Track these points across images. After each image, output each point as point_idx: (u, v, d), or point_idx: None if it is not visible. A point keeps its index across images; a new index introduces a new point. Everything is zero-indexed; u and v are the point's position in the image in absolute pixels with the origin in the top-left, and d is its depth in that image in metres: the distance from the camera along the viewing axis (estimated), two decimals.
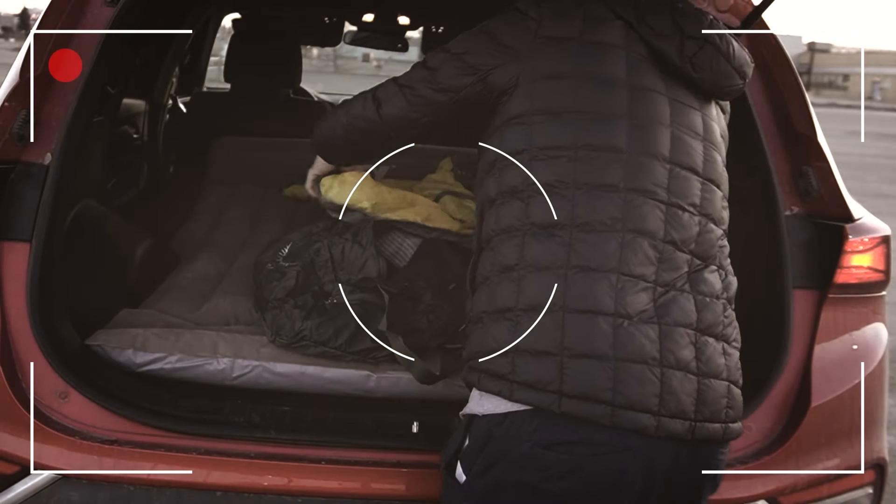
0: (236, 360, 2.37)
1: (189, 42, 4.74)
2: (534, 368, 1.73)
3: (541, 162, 1.84)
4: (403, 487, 2.12)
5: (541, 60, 1.90)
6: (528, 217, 1.82)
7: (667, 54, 1.91)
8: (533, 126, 1.87)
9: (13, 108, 2.17)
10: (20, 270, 2.15)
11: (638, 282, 1.77)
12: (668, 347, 1.75)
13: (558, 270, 1.77)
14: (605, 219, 1.79)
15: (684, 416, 1.75)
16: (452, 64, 1.98)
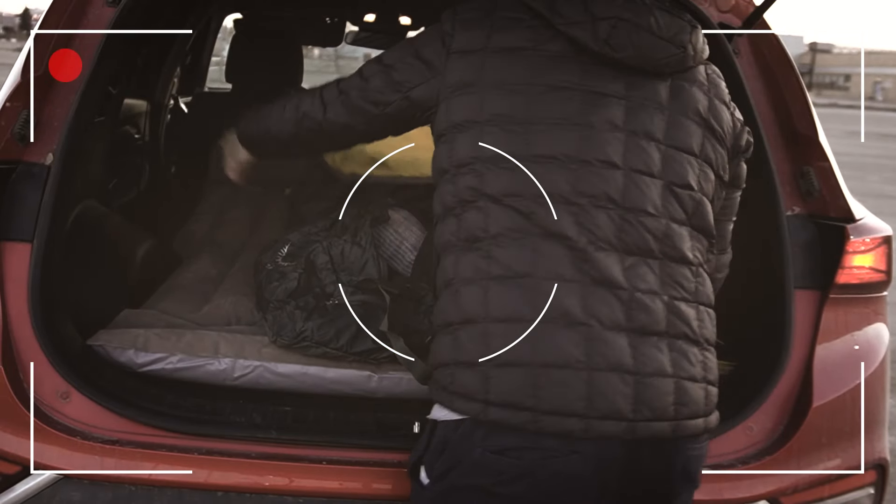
0: (238, 361, 2.37)
1: (190, 42, 4.74)
2: (465, 379, 1.76)
3: (462, 177, 1.86)
4: (404, 487, 2.12)
5: (452, 75, 1.91)
6: (459, 232, 1.85)
7: (581, 41, 1.87)
8: (453, 142, 1.89)
9: (15, 109, 2.17)
10: (21, 271, 2.15)
11: (557, 283, 1.76)
12: (596, 349, 1.73)
13: (481, 282, 1.79)
14: (513, 227, 1.80)
15: (619, 416, 1.73)
16: (381, 77, 2.03)
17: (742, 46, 2.47)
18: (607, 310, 1.76)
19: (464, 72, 1.90)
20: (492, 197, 1.83)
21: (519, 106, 1.86)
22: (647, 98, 1.89)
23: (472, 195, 1.84)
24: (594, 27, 1.86)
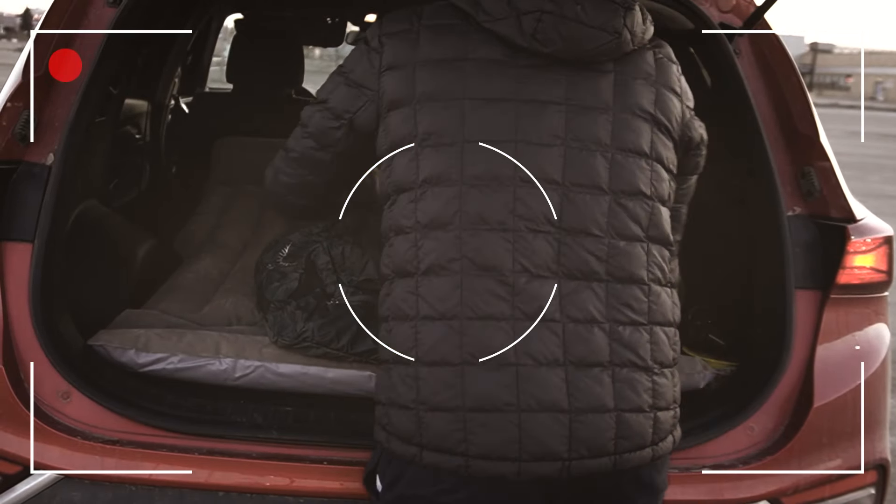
0: (238, 361, 2.37)
1: (191, 42, 4.74)
2: (400, 421, 1.75)
3: (398, 203, 1.81)
4: None
5: (385, 93, 1.85)
6: (391, 264, 1.81)
7: (509, 38, 1.79)
8: (390, 165, 1.84)
9: (16, 109, 2.18)
10: (22, 271, 2.15)
11: (487, 321, 1.70)
12: (528, 390, 1.68)
13: (411, 321, 1.74)
14: (444, 261, 1.73)
15: (553, 457, 1.68)
16: (319, 116, 1.98)
17: (743, 46, 2.47)
18: (541, 345, 1.69)
19: (396, 88, 1.83)
20: (423, 225, 1.75)
21: (453, 122, 1.77)
22: (589, 100, 1.80)
23: (405, 223, 1.78)
24: (519, 22, 1.78)
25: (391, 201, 1.83)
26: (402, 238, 1.78)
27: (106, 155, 3.20)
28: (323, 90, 1.98)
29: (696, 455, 2.19)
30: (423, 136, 1.79)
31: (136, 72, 3.68)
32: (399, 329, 1.76)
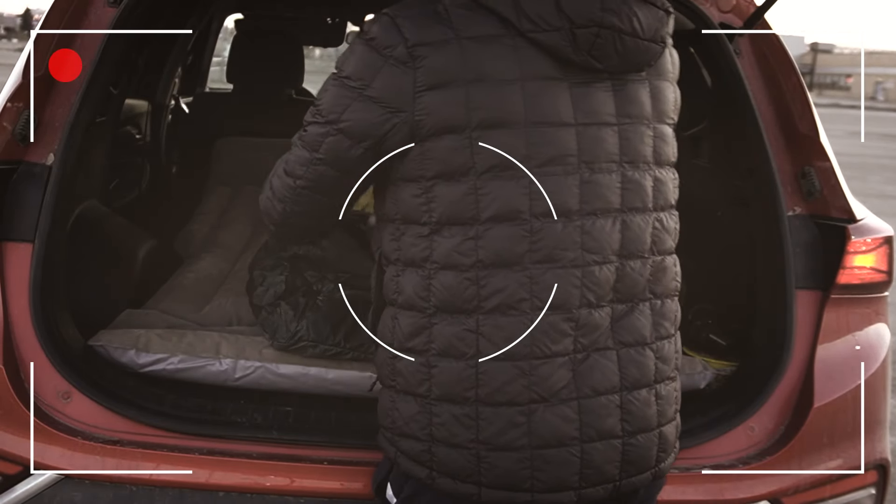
0: (239, 361, 2.38)
1: (191, 42, 4.74)
2: (452, 459, 1.68)
3: (449, 241, 1.67)
4: None
5: (430, 117, 1.64)
6: (438, 298, 1.68)
7: (560, 53, 1.64)
8: (436, 195, 1.68)
9: (16, 109, 2.18)
10: (23, 271, 2.15)
11: (554, 359, 1.66)
12: (588, 422, 1.67)
13: (468, 361, 1.65)
14: (513, 301, 1.64)
15: (607, 481, 1.70)
16: (333, 140, 1.73)
17: (743, 47, 2.47)
18: (600, 375, 1.68)
19: (446, 113, 1.63)
20: (487, 263, 1.65)
21: (518, 152, 1.63)
22: (635, 112, 1.72)
23: (463, 260, 1.65)
24: (573, 36, 1.63)
25: (433, 230, 1.67)
26: (455, 274, 1.65)
27: (106, 155, 3.20)
28: (327, 106, 1.71)
29: (696, 455, 2.19)
30: (484, 167, 1.63)
31: (136, 72, 3.68)
32: (450, 367, 1.66)
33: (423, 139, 1.65)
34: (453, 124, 1.63)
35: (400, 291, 1.72)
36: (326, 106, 1.72)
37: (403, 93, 1.63)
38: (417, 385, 1.70)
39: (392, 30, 1.64)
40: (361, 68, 1.67)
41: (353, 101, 1.67)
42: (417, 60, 1.62)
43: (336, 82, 1.71)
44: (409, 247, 1.70)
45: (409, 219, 1.69)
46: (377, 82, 1.65)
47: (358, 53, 1.68)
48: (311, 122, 1.75)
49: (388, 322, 1.76)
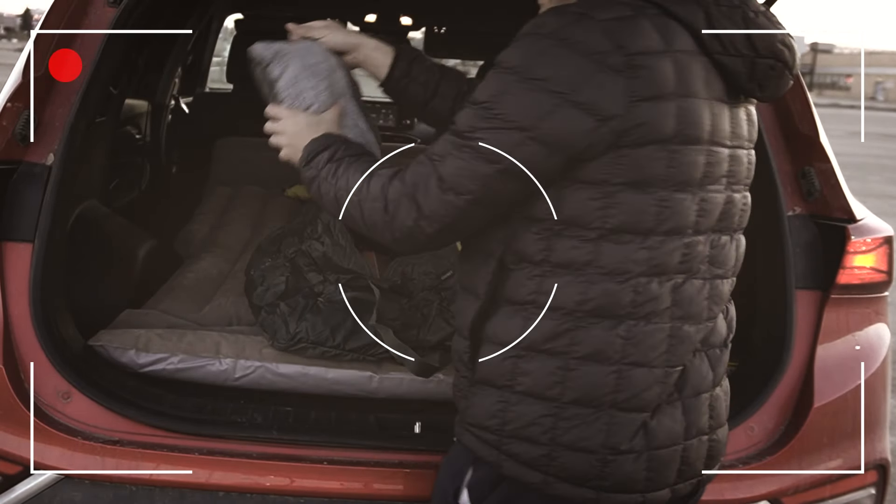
0: (238, 361, 2.38)
1: (191, 42, 4.74)
2: (574, 463, 1.65)
3: (623, 248, 1.63)
4: (405, 488, 2.12)
5: (643, 127, 1.59)
6: (594, 303, 1.63)
7: (736, 78, 1.66)
8: (619, 202, 1.62)
9: (16, 109, 2.18)
10: (23, 271, 2.15)
11: (681, 366, 1.69)
12: (692, 421, 1.72)
13: (613, 366, 1.63)
14: (660, 308, 1.64)
15: (695, 476, 1.75)
16: (526, 148, 1.58)
17: None
18: (700, 377, 1.72)
19: (660, 124, 1.57)
20: (651, 273, 1.63)
21: (698, 169, 1.63)
22: (744, 137, 1.75)
23: (633, 268, 1.62)
24: (753, 65, 1.65)
25: (601, 235, 1.60)
26: (620, 281, 1.61)
27: (106, 155, 3.20)
28: (516, 110, 1.56)
29: None
30: (675, 181, 1.60)
31: (136, 72, 3.69)
32: (591, 371, 1.63)
33: (622, 146, 1.57)
34: (660, 136, 1.57)
35: (541, 292, 1.64)
36: (514, 111, 1.56)
37: (617, 102, 1.54)
38: (548, 387, 1.64)
39: (597, 33, 1.54)
40: (566, 72, 1.54)
41: (556, 108, 1.54)
42: (635, 70, 1.54)
43: (526, 84, 1.56)
44: (567, 249, 1.61)
45: (576, 221, 1.60)
46: (588, 89, 1.53)
47: (554, 55, 1.55)
48: (488, 129, 1.58)
49: (517, 321, 1.66)
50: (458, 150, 1.60)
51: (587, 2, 1.60)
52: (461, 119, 1.62)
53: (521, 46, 1.59)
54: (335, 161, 1.79)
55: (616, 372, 1.63)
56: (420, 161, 1.66)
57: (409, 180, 1.65)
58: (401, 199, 1.65)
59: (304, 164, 1.82)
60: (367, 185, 1.71)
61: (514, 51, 1.59)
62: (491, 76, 1.62)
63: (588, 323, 1.62)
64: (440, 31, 5.46)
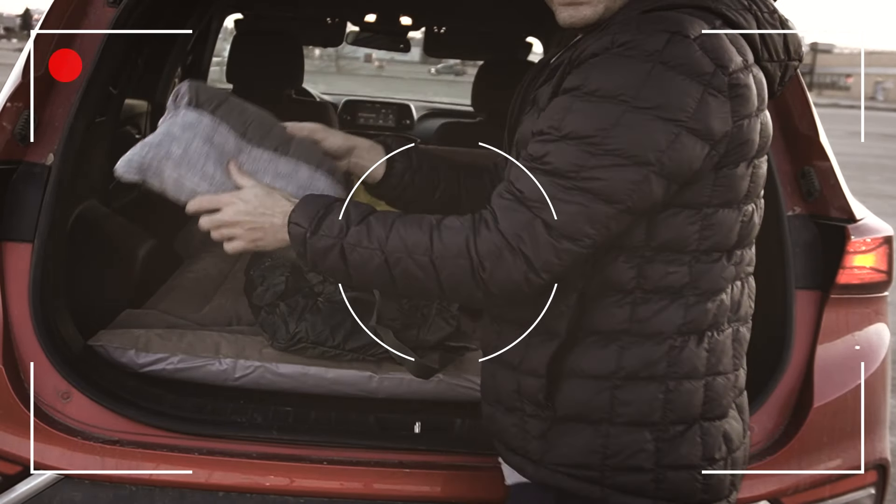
0: (238, 361, 2.38)
1: (191, 42, 4.74)
2: (679, 482, 1.62)
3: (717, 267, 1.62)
4: (405, 488, 2.12)
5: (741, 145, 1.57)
6: (689, 322, 1.60)
7: (773, 81, 1.65)
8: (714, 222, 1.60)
9: (16, 109, 2.18)
10: (22, 271, 2.15)
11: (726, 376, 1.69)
12: (745, 419, 1.74)
13: (700, 381, 1.62)
14: (728, 315, 1.65)
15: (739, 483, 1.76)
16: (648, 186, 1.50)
17: None
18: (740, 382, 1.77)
19: (751, 140, 1.56)
20: (729, 285, 1.64)
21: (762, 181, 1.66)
22: None
23: (723, 284, 1.62)
24: (785, 69, 1.66)
25: (695, 257, 1.57)
26: (713, 297, 1.60)
27: (106, 155, 3.20)
28: (632, 143, 1.45)
29: None
30: (753, 193, 1.61)
31: (136, 72, 3.68)
32: (688, 388, 1.60)
33: (722, 167, 1.53)
34: (749, 153, 1.56)
35: (636, 319, 1.57)
36: (632, 144, 1.45)
37: (725, 124, 1.49)
38: (651, 413, 1.59)
39: (698, 53, 1.47)
40: (678, 97, 1.45)
41: (677, 137, 1.45)
42: (734, 89, 1.49)
43: (640, 114, 1.45)
44: (662, 275, 1.56)
45: (670, 246, 1.55)
46: (700, 113, 1.46)
47: (662, 79, 1.45)
48: (603, 167, 1.45)
49: (611, 352, 1.59)
50: (567, 194, 1.46)
51: (656, 15, 1.52)
52: (555, 157, 1.47)
53: (616, 70, 1.47)
54: (360, 223, 1.57)
55: (705, 385, 1.62)
56: (509, 205, 1.50)
57: (506, 229, 1.48)
58: (501, 254, 1.48)
59: (312, 233, 1.58)
60: (436, 241, 1.52)
61: (608, 75, 1.47)
62: (584, 105, 1.48)
63: (683, 343, 1.59)
64: (440, 31, 5.46)
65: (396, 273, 1.54)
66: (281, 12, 5.11)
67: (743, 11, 1.58)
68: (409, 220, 1.55)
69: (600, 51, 1.49)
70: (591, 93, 1.47)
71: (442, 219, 1.54)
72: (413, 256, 1.52)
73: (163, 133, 1.68)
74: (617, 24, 1.55)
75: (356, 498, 2.10)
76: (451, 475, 2.12)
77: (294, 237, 1.60)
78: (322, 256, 1.58)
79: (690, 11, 1.53)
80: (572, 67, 1.54)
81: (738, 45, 1.53)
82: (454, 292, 1.55)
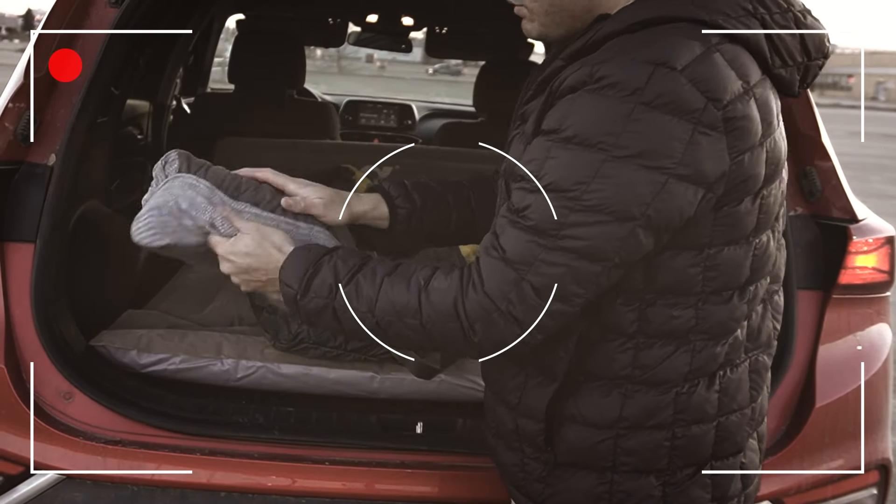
0: (240, 362, 2.38)
1: (193, 43, 4.74)
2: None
3: (727, 306, 1.52)
4: (407, 488, 2.12)
5: (742, 184, 1.45)
6: (693, 364, 1.52)
7: (791, 86, 1.51)
8: (718, 262, 1.50)
9: (17, 109, 2.18)
10: (24, 271, 2.15)
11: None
12: (762, 447, 1.71)
13: (711, 423, 1.55)
14: (737, 355, 1.55)
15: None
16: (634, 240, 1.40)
17: None
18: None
19: (754, 176, 1.45)
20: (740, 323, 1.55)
21: (778, 204, 1.55)
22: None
23: (734, 325, 1.53)
24: (805, 71, 1.52)
25: (701, 299, 1.47)
26: (722, 341, 1.51)
27: (108, 155, 3.20)
28: (614, 196, 1.34)
29: None
30: (763, 225, 1.50)
31: (137, 72, 3.68)
32: (696, 432, 1.53)
33: (723, 206, 1.41)
34: (754, 187, 1.43)
35: (638, 365, 1.49)
36: (614, 198, 1.33)
37: (721, 163, 1.36)
38: (658, 461, 1.52)
39: (685, 87, 1.33)
40: (664, 140, 1.33)
41: (663, 186, 1.34)
42: (729, 123, 1.36)
43: (622, 164, 1.33)
44: (665, 319, 1.47)
45: (672, 289, 1.46)
46: (688, 157, 1.33)
47: (645, 122, 1.32)
48: (585, 224, 1.35)
49: (613, 400, 1.51)
50: (550, 254, 1.37)
51: (662, 42, 1.37)
52: (536, 212, 1.37)
53: (593, 112, 1.35)
54: (350, 282, 1.50)
55: (716, 426, 1.54)
56: (495, 265, 1.40)
57: (492, 292, 1.40)
58: (490, 317, 1.40)
59: (302, 295, 1.52)
60: (424, 305, 1.45)
61: (586, 118, 1.35)
62: (562, 152, 1.36)
63: (691, 388, 1.51)
64: (441, 32, 5.46)
65: (391, 333, 1.49)
66: (282, 13, 5.11)
67: (746, 18, 1.42)
68: (397, 279, 1.47)
69: (578, 85, 1.37)
70: (569, 139, 1.36)
71: (430, 277, 1.46)
72: (403, 320, 1.46)
73: (164, 192, 1.71)
74: (600, 49, 1.41)
75: (358, 498, 2.10)
76: (453, 475, 2.12)
77: (286, 297, 1.56)
78: (316, 316, 1.54)
79: (683, 27, 1.38)
80: (554, 98, 1.43)
81: (739, 65, 1.39)
82: (451, 349, 1.52)
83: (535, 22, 1.54)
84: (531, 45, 5.59)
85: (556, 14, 1.51)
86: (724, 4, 1.42)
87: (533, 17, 1.53)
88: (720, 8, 1.41)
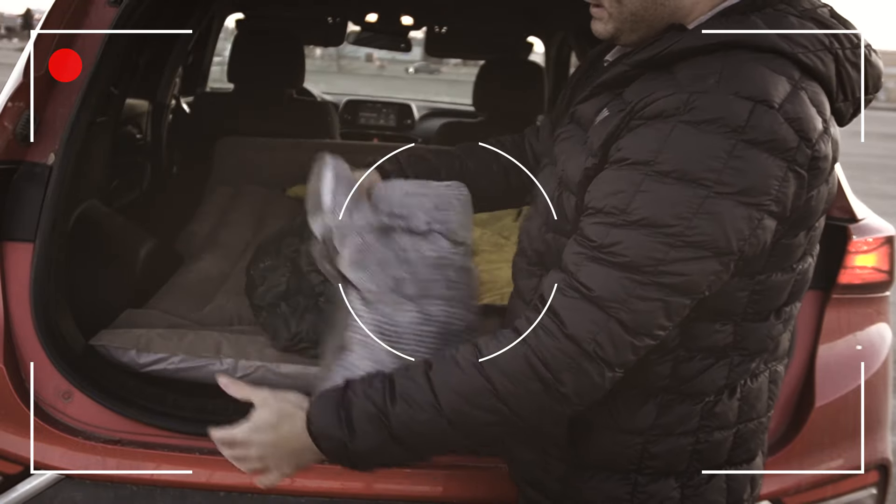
0: (240, 361, 2.37)
1: (192, 42, 4.75)
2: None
3: (767, 324, 1.56)
4: (406, 487, 2.12)
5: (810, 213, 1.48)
6: (724, 379, 1.54)
7: (842, 119, 1.49)
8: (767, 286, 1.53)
9: (17, 109, 2.18)
10: (23, 270, 2.15)
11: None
12: (763, 450, 1.73)
13: (731, 430, 1.58)
14: (760, 367, 1.58)
15: None
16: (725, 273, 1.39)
17: None
18: None
19: (818, 207, 1.47)
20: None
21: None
22: None
23: (770, 344, 1.57)
24: (857, 106, 1.51)
25: (745, 318, 1.49)
26: (758, 357, 1.55)
27: (107, 155, 3.20)
28: (716, 233, 1.32)
29: None
30: (809, 252, 1.53)
31: (137, 72, 3.68)
32: (719, 438, 1.57)
33: (779, 240, 1.42)
34: (812, 221, 1.46)
35: (677, 377, 1.49)
36: (716, 234, 1.32)
37: (798, 199, 1.38)
38: (681, 464, 1.55)
39: (784, 126, 1.32)
40: (760, 178, 1.32)
41: (760, 222, 1.34)
42: (814, 162, 1.36)
43: (725, 200, 1.31)
44: (708, 334, 1.47)
45: (717, 310, 1.46)
46: (781, 194, 1.34)
47: (746, 159, 1.30)
48: (684, 260, 1.32)
49: (649, 409, 1.52)
50: (644, 289, 1.33)
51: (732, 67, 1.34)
52: (630, 248, 1.33)
53: (693, 146, 1.31)
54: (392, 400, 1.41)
55: (735, 432, 1.58)
56: (577, 305, 1.35)
57: (579, 337, 1.34)
58: (580, 365, 1.34)
59: (350, 439, 1.42)
60: (490, 374, 1.37)
61: (685, 153, 1.31)
62: (658, 186, 1.32)
63: (717, 398, 1.54)
64: (441, 31, 5.46)
65: (470, 428, 1.39)
66: (282, 12, 5.11)
67: (822, 52, 1.40)
68: (442, 369, 1.39)
69: (669, 112, 1.33)
70: (666, 173, 1.32)
71: (477, 348, 1.38)
72: (477, 404, 1.37)
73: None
74: (684, 69, 1.37)
75: (357, 497, 2.10)
76: (452, 475, 2.12)
77: (331, 452, 1.46)
78: (375, 454, 1.43)
79: (767, 58, 1.36)
80: (632, 118, 1.37)
81: (818, 103, 1.38)
82: (536, 418, 1.40)
83: (609, 25, 1.51)
84: (530, 45, 5.59)
85: (635, 23, 1.49)
86: (804, 37, 1.39)
87: (609, 20, 1.51)
88: (800, 41, 1.39)
